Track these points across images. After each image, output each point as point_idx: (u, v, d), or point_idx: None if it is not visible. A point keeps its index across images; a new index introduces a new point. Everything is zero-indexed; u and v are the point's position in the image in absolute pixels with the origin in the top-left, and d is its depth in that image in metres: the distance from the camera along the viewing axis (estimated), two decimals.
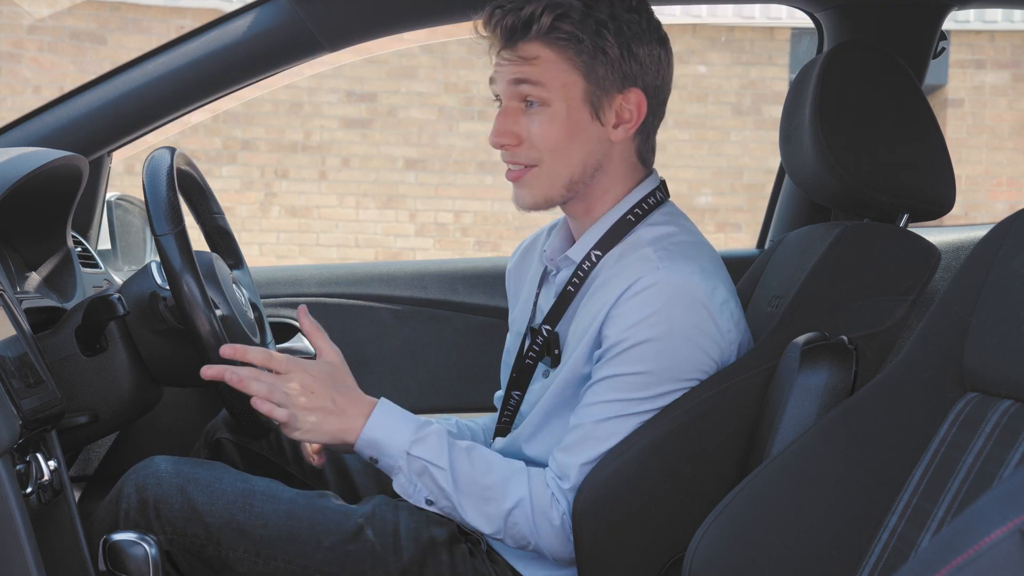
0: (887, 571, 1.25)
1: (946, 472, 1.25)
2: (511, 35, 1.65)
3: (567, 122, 1.66)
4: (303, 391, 1.61)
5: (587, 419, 1.62)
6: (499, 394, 1.94)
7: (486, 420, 1.95)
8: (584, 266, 1.70)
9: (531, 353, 1.74)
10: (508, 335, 1.91)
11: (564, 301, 1.71)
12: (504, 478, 1.63)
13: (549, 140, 1.66)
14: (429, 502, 1.63)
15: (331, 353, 1.69)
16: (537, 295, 1.80)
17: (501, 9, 1.65)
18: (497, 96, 1.71)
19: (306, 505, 1.69)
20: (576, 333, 1.66)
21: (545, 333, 1.72)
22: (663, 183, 1.75)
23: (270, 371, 1.64)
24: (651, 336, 1.58)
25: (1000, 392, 1.24)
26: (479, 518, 1.62)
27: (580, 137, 1.67)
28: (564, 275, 1.73)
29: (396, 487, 1.64)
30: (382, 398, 1.67)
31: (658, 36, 1.69)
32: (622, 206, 1.70)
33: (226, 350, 1.62)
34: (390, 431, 1.63)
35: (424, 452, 1.62)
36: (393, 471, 1.64)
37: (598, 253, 1.69)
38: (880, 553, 1.28)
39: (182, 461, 1.72)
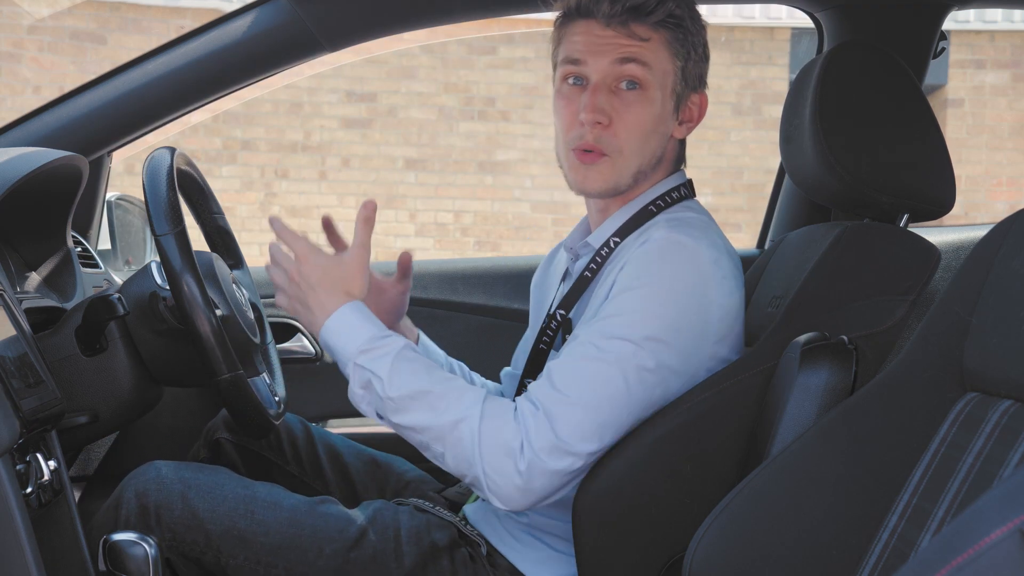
0: (887, 571, 1.25)
1: (946, 472, 1.25)
2: (632, 14, 1.63)
3: (658, 110, 1.67)
4: (291, 281, 1.65)
5: (565, 355, 1.56)
6: (506, 370, 1.96)
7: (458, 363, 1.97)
8: (602, 252, 1.71)
9: (544, 338, 1.74)
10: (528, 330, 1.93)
11: (580, 286, 1.72)
12: (459, 390, 1.55)
13: (640, 125, 1.66)
14: (380, 416, 1.58)
15: (355, 248, 1.65)
16: (560, 286, 1.82)
17: None
18: (568, 76, 1.68)
19: (308, 512, 1.68)
20: (589, 313, 1.65)
21: (559, 317, 1.72)
22: (690, 182, 1.76)
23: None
24: (643, 283, 1.56)
25: (1000, 392, 1.24)
26: (423, 423, 1.54)
27: (660, 128, 1.69)
28: (583, 262, 1.75)
29: (349, 395, 1.61)
30: (355, 302, 1.63)
31: None
32: (645, 196, 1.72)
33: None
34: (343, 338, 1.60)
35: (369, 362, 1.57)
36: (348, 378, 1.61)
37: (617, 240, 1.70)
38: (880, 553, 1.28)
39: (183, 466, 1.72)
